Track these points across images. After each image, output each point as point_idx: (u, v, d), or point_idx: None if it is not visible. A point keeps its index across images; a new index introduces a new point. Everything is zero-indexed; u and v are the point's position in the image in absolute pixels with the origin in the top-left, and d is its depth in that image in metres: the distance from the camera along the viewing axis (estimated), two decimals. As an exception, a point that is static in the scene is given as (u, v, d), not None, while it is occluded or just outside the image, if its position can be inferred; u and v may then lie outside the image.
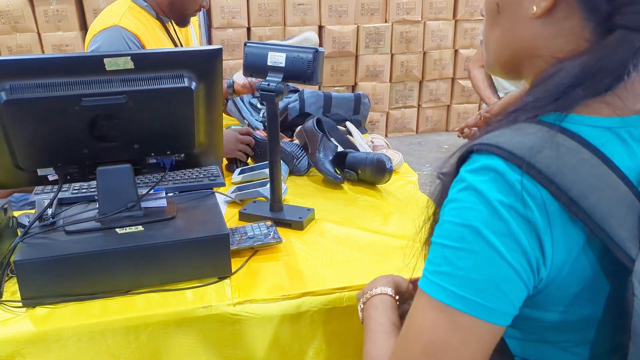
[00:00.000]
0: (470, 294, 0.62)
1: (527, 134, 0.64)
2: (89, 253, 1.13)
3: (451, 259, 0.64)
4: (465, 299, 0.63)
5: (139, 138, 1.22)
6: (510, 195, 0.62)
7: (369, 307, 0.98)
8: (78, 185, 1.42)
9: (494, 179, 0.63)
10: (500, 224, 0.62)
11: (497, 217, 0.62)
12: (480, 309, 0.63)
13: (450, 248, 0.65)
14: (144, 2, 1.81)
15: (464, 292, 0.63)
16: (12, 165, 1.17)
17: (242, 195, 1.60)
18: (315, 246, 1.38)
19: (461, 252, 0.64)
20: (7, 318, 1.10)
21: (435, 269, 0.66)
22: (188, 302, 1.16)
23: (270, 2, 4.70)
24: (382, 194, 1.70)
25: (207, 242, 1.19)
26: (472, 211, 0.64)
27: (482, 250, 0.62)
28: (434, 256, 0.67)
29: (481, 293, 0.62)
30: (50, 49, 4.44)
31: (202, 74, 1.19)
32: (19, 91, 1.08)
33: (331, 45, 4.94)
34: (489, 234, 0.62)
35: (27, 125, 1.12)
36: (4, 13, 4.36)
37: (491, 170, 0.64)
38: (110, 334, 1.11)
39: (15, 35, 4.43)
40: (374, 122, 5.26)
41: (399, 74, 5.20)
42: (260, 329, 1.16)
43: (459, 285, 0.63)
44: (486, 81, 2.63)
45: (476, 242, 0.63)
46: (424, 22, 5.09)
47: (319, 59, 1.37)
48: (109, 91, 1.13)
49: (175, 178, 1.49)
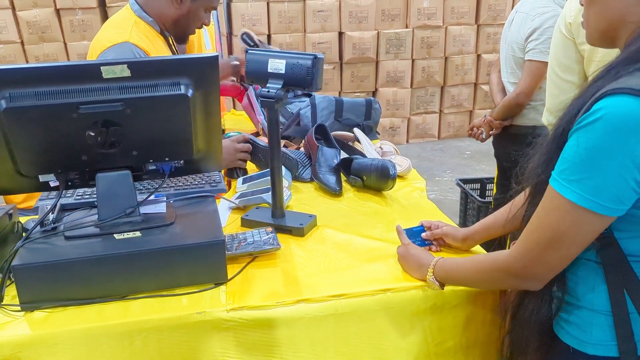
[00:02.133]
0: (593, 196, 0.87)
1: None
2: (85, 258, 1.15)
3: (582, 170, 0.87)
4: (589, 199, 0.87)
5: (137, 145, 1.23)
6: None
7: (440, 270, 1.18)
8: (82, 191, 1.44)
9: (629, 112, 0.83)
10: (624, 148, 0.83)
11: (622, 142, 0.83)
12: (599, 207, 0.87)
13: (582, 164, 0.87)
14: (149, 17, 1.81)
15: (588, 195, 0.87)
16: (14, 171, 1.20)
17: (246, 201, 1.61)
18: (314, 253, 1.38)
19: (590, 167, 0.86)
20: (5, 322, 1.12)
21: (567, 177, 0.89)
22: (183, 307, 1.17)
23: (290, 9, 4.73)
24: (387, 200, 1.69)
25: (202, 248, 1.20)
26: (601, 137, 0.85)
27: (606, 168, 0.85)
28: (566, 167, 0.89)
29: (604, 198, 0.87)
30: (76, 57, 4.56)
31: (198, 82, 1.20)
32: (19, 99, 1.10)
33: (351, 52, 4.94)
34: (612, 156, 0.84)
35: (26, 132, 1.14)
36: (32, 24, 4.49)
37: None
38: (105, 339, 1.12)
39: (42, 45, 4.55)
40: (394, 128, 5.24)
41: (420, 79, 5.18)
42: (253, 335, 1.16)
43: (585, 190, 0.87)
44: (499, 86, 2.61)
45: (602, 162, 0.85)
46: (446, 27, 5.07)
47: (318, 66, 1.37)
48: (106, 99, 1.15)
49: (177, 184, 1.51)
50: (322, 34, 4.86)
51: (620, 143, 0.84)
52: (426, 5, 4.94)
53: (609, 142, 0.84)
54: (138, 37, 1.74)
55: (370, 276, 1.27)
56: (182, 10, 1.77)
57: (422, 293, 1.22)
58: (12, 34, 4.49)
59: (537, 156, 1.00)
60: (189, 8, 1.76)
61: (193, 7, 1.77)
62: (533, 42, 2.33)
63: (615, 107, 0.84)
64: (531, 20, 2.33)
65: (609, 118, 0.84)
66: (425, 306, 1.22)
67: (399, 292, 1.22)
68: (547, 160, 0.96)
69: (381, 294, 1.21)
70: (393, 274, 1.28)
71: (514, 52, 2.42)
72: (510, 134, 2.51)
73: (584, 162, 0.87)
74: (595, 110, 0.85)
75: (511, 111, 2.46)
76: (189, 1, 1.75)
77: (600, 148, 0.85)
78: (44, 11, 4.47)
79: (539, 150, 1.00)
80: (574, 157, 0.88)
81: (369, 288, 1.22)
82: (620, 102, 0.84)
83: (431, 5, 4.94)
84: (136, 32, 1.77)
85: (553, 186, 0.92)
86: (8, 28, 4.46)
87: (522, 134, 2.43)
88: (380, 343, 1.22)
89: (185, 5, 1.76)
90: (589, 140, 0.86)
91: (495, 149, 2.71)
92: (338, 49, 4.96)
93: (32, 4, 4.44)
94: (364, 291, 1.21)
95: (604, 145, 0.84)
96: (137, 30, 1.77)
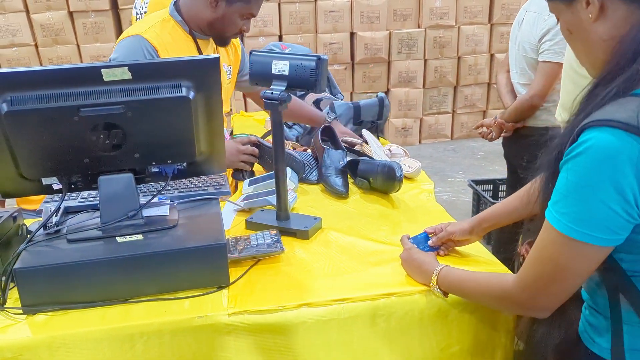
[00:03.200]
0: (585, 229, 0.88)
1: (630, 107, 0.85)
2: (87, 261, 1.15)
3: (571, 204, 0.88)
4: (581, 232, 0.88)
5: (139, 147, 1.23)
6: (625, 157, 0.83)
7: (444, 281, 1.17)
8: (86, 194, 1.44)
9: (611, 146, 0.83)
10: (608, 180, 0.84)
11: (606, 175, 0.84)
12: (592, 239, 0.88)
13: (571, 197, 0.88)
14: (179, 17, 1.83)
15: (579, 228, 0.88)
16: (17, 174, 1.20)
17: (251, 203, 1.60)
18: (318, 256, 1.36)
19: (578, 200, 0.87)
20: (7, 324, 1.13)
21: (560, 210, 0.90)
22: (184, 311, 1.16)
23: (301, 10, 4.73)
24: (393, 202, 1.67)
25: (203, 251, 1.19)
26: (586, 170, 0.86)
27: (593, 200, 0.86)
28: (558, 199, 0.90)
29: (594, 229, 0.87)
30: (89, 59, 4.59)
31: (199, 83, 1.19)
32: (20, 102, 1.11)
33: (363, 52, 4.92)
34: (597, 188, 0.85)
35: (28, 135, 1.15)
36: (46, 26, 4.53)
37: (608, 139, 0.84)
38: (107, 342, 1.12)
39: (56, 47, 4.60)
40: (407, 129, 5.21)
41: (432, 79, 5.14)
42: (254, 339, 1.15)
43: (576, 222, 0.88)
44: (508, 86, 2.56)
45: (589, 194, 0.86)
46: (459, 26, 5.02)
47: (322, 67, 1.35)
48: (106, 101, 1.15)
49: (181, 186, 1.50)
50: (333, 34, 4.85)
51: (605, 175, 0.84)
52: (438, 4, 4.90)
53: (594, 175, 0.85)
54: (155, 34, 1.75)
55: (374, 280, 1.25)
56: (216, 14, 1.78)
57: (427, 298, 1.20)
58: (26, 37, 4.53)
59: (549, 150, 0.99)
60: (224, 12, 1.77)
61: (228, 12, 1.77)
62: (547, 42, 2.28)
63: (599, 140, 0.84)
64: (544, 20, 2.28)
65: (592, 152, 0.85)
66: (430, 311, 1.20)
67: (403, 296, 1.20)
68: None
69: (385, 298, 1.19)
70: (397, 278, 1.26)
71: (526, 52, 2.37)
72: (522, 135, 2.47)
73: (572, 195, 0.88)
74: (581, 143, 0.87)
75: (524, 113, 2.41)
76: (224, 5, 1.76)
77: (585, 181, 0.86)
78: (57, 14, 4.51)
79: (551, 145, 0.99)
80: (564, 190, 0.90)
81: (373, 292, 1.20)
82: (603, 135, 0.84)
83: (444, 4, 4.90)
84: (158, 28, 1.78)
85: (548, 218, 0.92)
86: (22, 31, 4.51)
87: (533, 135, 2.39)
88: (383, 348, 1.20)
89: (220, 9, 1.77)
90: (576, 174, 0.87)
91: (506, 150, 2.67)
92: (350, 49, 4.94)
93: (45, 7, 4.49)
94: (367, 295, 1.19)
95: (589, 178, 0.86)
96: (160, 27, 1.79)
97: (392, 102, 5.08)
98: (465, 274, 1.16)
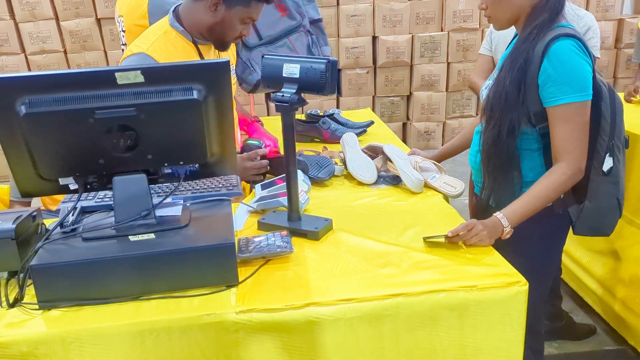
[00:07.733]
0: (588, 90, 1.49)
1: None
2: (100, 259, 1.18)
3: (570, 80, 1.47)
4: (588, 94, 1.49)
5: (152, 149, 1.26)
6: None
7: (514, 219, 1.47)
8: (102, 194, 1.48)
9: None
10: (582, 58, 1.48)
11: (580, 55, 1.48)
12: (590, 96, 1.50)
13: (568, 77, 1.48)
14: (180, 27, 1.85)
15: (586, 91, 1.48)
16: (35, 174, 1.25)
17: (264, 204, 1.62)
18: (327, 257, 1.38)
19: (573, 75, 1.48)
20: (24, 319, 1.17)
21: (566, 91, 1.47)
22: (194, 308, 1.18)
23: (324, 14, 4.72)
24: (405, 203, 1.68)
25: (212, 250, 1.21)
26: (568, 56, 1.48)
27: (580, 71, 1.48)
28: (557, 85, 1.47)
29: (588, 89, 1.48)
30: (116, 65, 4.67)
31: (210, 87, 1.22)
32: (37, 105, 1.15)
33: (385, 56, 4.92)
34: (578, 64, 1.48)
35: (45, 136, 1.19)
36: (74, 33, 4.65)
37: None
38: (118, 338, 1.15)
39: (84, 53, 4.71)
40: (429, 132, 5.18)
41: (455, 82, 5.10)
42: (262, 337, 1.17)
43: (582, 90, 1.48)
44: None
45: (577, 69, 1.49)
46: (482, 29, 4.98)
47: (332, 70, 1.37)
48: (120, 104, 1.18)
49: (195, 187, 1.53)
50: (355, 38, 4.86)
51: (580, 56, 1.46)
52: (462, 7, 4.87)
53: (573, 56, 1.46)
54: (159, 48, 1.77)
55: (382, 281, 1.26)
56: (216, 18, 1.79)
57: (434, 298, 1.20)
58: (55, 43, 4.66)
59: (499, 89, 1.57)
60: (224, 16, 1.78)
61: (227, 16, 1.78)
62: (592, 39, 2.36)
63: (563, 42, 1.46)
64: (580, 19, 2.31)
65: (566, 46, 1.46)
66: (436, 312, 1.20)
67: (410, 296, 1.21)
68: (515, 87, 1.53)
69: (392, 298, 1.20)
70: (405, 279, 1.26)
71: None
72: None
73: (567, 75, 1.45)
74: (554, 48, 1.46)
75: None
76: (223, 9, 1.77)
77: (571, 63, 1.45)
78: (85, 21, 4.62)
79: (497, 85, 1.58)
80: (558, 77, 1.46)
81: (380, 293, 1.21)
82: (564, 40, 1.47)
83: (467, 7, 4.87)
84: (161, 42, 1.80)
85: (565, 101, 1.45)
86: (52, 38, 4.64)
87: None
88: (390, 348, 1.21)
89: (219, 13, 1.77)
90: (560, 61, 1.45)
91: None
92: (372, 53, 4.95)
93: (74, 14, 4.60)
94: (374, 296, 1.20)
95: (573, 59, 1.46)
96: (163, 40, 1.81)
97: (415, 106, 5.07)
98: (521, 200, 1.49)
